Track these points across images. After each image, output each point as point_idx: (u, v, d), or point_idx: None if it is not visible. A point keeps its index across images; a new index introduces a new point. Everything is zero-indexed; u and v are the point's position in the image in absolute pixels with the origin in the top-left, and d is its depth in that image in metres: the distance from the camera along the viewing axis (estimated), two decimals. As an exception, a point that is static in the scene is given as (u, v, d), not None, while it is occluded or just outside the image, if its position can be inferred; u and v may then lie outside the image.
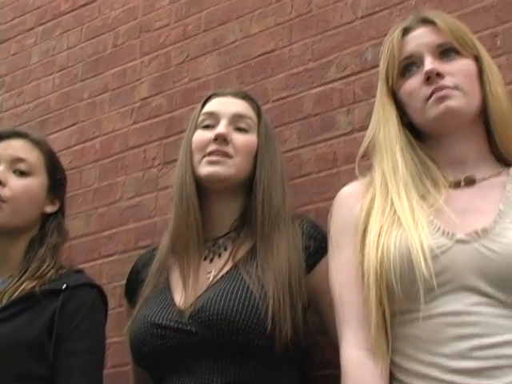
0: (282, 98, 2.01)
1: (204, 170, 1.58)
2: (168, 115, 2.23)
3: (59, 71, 2.60)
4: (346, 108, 1.89)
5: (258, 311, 1.42)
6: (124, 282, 2.03)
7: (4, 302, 1.55)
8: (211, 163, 1.57)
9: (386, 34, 1.86)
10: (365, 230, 1.37)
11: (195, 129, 1.65)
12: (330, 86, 1.94)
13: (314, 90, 1.96)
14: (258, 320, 1.42)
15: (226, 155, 1.57)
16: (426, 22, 1.47)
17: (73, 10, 2.68)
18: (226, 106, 1.65)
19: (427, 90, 1.40)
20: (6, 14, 2.88)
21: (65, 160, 2.32)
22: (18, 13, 2.85)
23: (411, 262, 1.25)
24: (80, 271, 1.71)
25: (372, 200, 1.40)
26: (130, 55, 2.42)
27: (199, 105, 1.71)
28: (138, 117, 2.30)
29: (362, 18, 1.97)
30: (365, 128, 1.81)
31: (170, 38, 2.34)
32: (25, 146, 1.71)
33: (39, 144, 1.74)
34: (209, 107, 1.67)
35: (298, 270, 1.49)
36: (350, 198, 1.45)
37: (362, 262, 1.34)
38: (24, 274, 1.60)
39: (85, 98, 2.47)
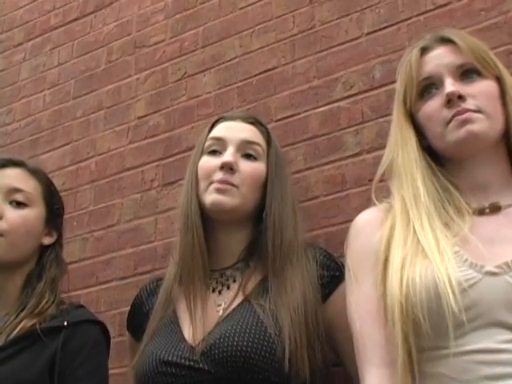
0: (286, 118, 1.94)
1: (209, 199, 1.51)
2: (166, 134, 2.15)
3: (50, 88, 2.52)
4: (354, 128, 1.82)
5: (275, 347, 1.35)
6: (123, 309, 1.97)
7: (1, 341, 1.47)
8: (217, 191, 1.50)
9: (393, 52, 1.83)
10: (386, 260, 1.30)
11: (202, 154, 1.58)
12: (336, 104, 1.88)
13: (320, 109, 1.90)
14: (274, 356, 1.35)
15: (232, 185, 1.50)
16: (445, 41, 1.41)
17: (63, 25, 2.60)
18: (233, 131, 1.58)
19: (448, 114, 1.34)
20: (-6, 29, 2.79)
21: (58, 181, 2.24)
22: (6, 27, 2.77)
23: (439, 297, 1.18)
24: (81, 306, 1.63)
25: (392, 228, 1.34)
26: (124, 72, 2.35)
27: (206, 128, 1.64)
28: (135, 136, 2.22)
29: (368, 34, 1.90)
30: (374, 149, 1.76)
31: (167, 54, 2.27)
32: (21, 175, 1.63)
33: (36, 173, 1.66)
34: (216, 132, 1.60)
35: (314, 306, 1.42)
36: (367, 226, 1.38)
37: (383, 295, 1.27)
38: (22, 310, 1.52)
39: (78, 117, 2.39)
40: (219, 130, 1.60)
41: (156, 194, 2.10)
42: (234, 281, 1.52)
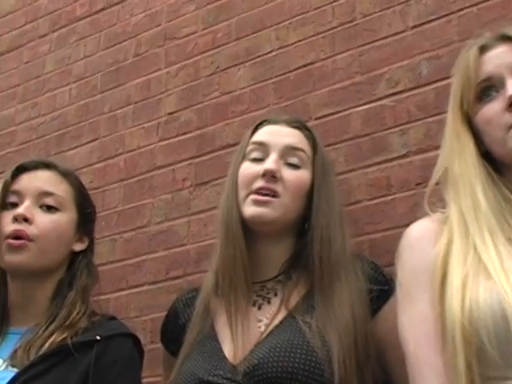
0: (326, 116, 1.84)
1: (248, 210, 1.42)
2: (199, 132, 2.06)
3: (76, 81, 2.43)
4: (400, 128, 1.71)
5: (323, 368, 1.27)
6: (155, 315, 1.90)
7: (31, 355, 1.39)
8: (257, 203, 1.41)
9: (442, 46, 1.72)
10: (444, 277, 1.20)
11: (243, 159, 1.49)
12: (380, 102, 1.77)
13: (362, 107, 1.79)
14: (322, 378, 1.26)
15: (274, 194, 1.41)
16: (506, 39, 1.31)
17: (89, 15, 2.50)
18: (277, 136, 1.48)
19: (510, 118, 1.24)
20: (18, 19, 2.71)
21: (85, 179, 2.16)
22: (30, 18, 2.68)
23: (506, 321, 1.08)
24: (113, 318, 1.55)
25: (449, 243, 1.24)
26: (154, 65, 2.25)
27: (249, 131, 1.55)
28: (165, 133, 2.13)
29: (413, 27, 1.79)
30: (422, 151, 1.66)
31: (199, 46, 2.17)
32: (52, 178, 1.55)
33: (68, 176, 1.58)
34: (259, 136, 1.51)
35: (363, 326, 1.34)
36: (421, 240, 1.28)
37: (441, 316, 1.18)
38: (52, 322, 1.44)
39: (105, 112, 2.30)
40: (262, 135, 1.51)
41: (188, 195, 2.01)
42: (276, 294, 1.43)
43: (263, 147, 1.48)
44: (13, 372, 1.37)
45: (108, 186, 2.18)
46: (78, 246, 1.57)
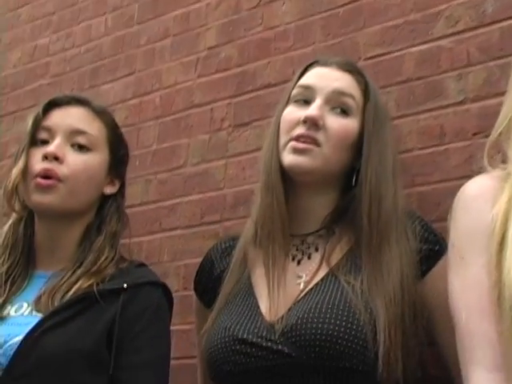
0: (377, 56, 1.70)
1: (287, 158, 1.32)
2: (239, 69, 1.94)
3: (112, 11, 2.32)
4: (458, 72, 1.57)
5: (364, 334, 1.18)
6: (188, 261, 1.84)
7: (56, 301, 1.32)
8: (295, 151, 1.31)
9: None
10: (502, 241, 1.09)
11: (287, 102, 1.38)
12: (436, 43, 1.62)
13: (417, 48, 1.65)
14: (364, 343, 1.18)
15: (314, 143, 1.30)
16: None
17: None
18: (325, 79, 1.36)
19: None
20: None
21: (120, 115, 2.08)
22: None
23: None
24: (142, 264, 1.47)
25: (510, 201, 1.12)
26: (194, -4, 2.12)
27: (297, 73, 1.43)
28: (204, 69, 2.01)
29: (478, -41, 1.62)
30: (481, 98, 1.53)
31: (241, -24, 2.03)
32: (86, 115, 1.46)
33: (102, 114, 1.48)
34: (306, 79, 1.39)
35: (412, 296, 1.23)
36: (478, 198, 1.16)
37: (497, 283, 1.07)
38: (79, 267, 1.38)
39: (142, 44, 2.19)
40: (309, 77, 1.39)
41: (226, 136, 1.90)
42: (317, 249, 1.34)
43: (309, 91, 1.36)
44: (37, 317, 1.32)
45: (143, 124, 2.08)
46: (109, 189, 1.48)
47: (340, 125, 1.33)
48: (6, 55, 2.58)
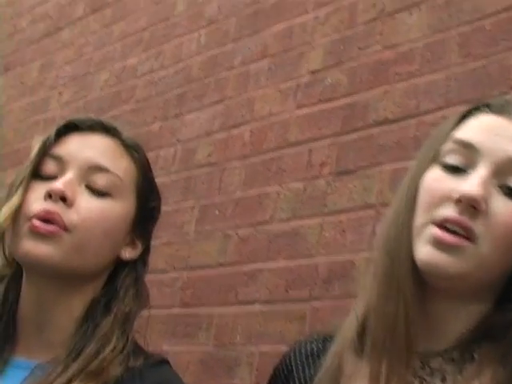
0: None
1: (424, 251, 0.88)
2: (348, 99, 1.58)
3: (207, 26, 1.97)
4: None
5: None
6: (264, 347, 1.51)
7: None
8: (439, 246, 0.86)
9: None
10: None
11: (433, 161, 0.92)
12: None
13: None
14: None
15: (470, 236, 0.85)
16: None
17: None
18: (499, 138, 0.89)
19: None
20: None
21: (203, 152, 1.75)
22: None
23: None
24: (164, 362, 1.05)
25: None
26: (298, 7, 1.76)
27: (452, 118, 0.95)
28: (305, 98, 1.66)
29: None
30: None
31: (358, -18, 1.62)
32: (112, 148, 1.06)
33: (134, 149, 1.08)
34: (468, 132, 0.91)
35: None
36: None
37: None
38: (74, 359, 0.97)
39: (235, 66, 1.82)
40: (473, 131, 0.91)
41: (326, 186, 1.50)
42: (443, 380, 0.89)
43: (470, 152, 0.89)
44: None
45: (227, 164, 1.71)
46: (128, 253, 1.07)
47: (511, 212, 0.87)
48: (94, 76, 2.29)
